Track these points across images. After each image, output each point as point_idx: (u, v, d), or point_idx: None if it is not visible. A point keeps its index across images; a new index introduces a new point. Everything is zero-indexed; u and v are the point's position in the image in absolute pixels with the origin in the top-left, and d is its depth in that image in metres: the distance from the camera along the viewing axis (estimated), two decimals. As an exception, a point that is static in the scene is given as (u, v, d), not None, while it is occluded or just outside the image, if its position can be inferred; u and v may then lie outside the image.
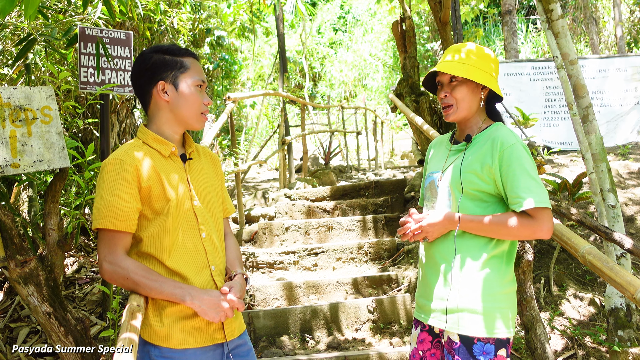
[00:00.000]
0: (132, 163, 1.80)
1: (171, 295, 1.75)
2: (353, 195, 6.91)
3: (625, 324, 3.39)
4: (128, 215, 1.78)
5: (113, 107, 5.90)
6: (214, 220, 1.97)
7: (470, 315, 1.92)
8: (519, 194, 1.87)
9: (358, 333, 4.14)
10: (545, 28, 3.49)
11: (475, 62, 2.01)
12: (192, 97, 1.89)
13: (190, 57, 1.93)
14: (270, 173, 13.31)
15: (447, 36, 5.93)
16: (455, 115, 2.04)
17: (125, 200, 1.77)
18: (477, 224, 1.93)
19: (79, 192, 3.70)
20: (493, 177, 1.93)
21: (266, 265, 5.18)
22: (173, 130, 1.93)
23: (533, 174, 1.89)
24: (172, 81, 1.88)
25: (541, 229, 1.87)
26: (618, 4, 11.31)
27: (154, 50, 1.91)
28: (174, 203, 1.83)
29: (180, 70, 1.89)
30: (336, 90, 22.56)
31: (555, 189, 4.21)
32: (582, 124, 3.48)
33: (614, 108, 8.49)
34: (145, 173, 1.81)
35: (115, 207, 1.76)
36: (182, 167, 1.93)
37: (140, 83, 1.91)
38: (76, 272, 4.61)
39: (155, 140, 1.89)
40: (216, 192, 2.04)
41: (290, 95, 8.81)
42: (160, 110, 1.91)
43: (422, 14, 18.45)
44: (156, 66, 1.88)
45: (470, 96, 2.02)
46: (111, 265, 1.76)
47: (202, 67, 1.98)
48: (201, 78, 1.92)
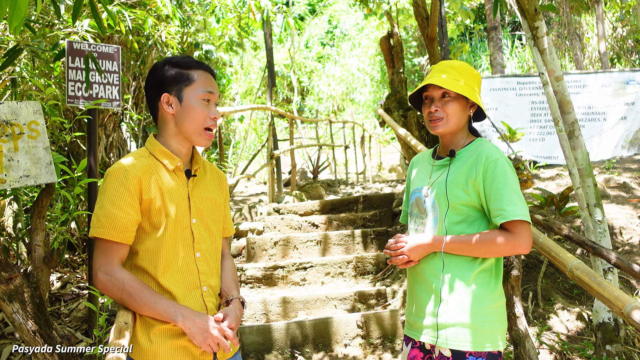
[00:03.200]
0: (136, 174, 1.78)
1: (164, 313, 1.72)
2: (342, 209, 6.91)
3: (613, 339, 3.40)
4: (127, 226, 1.76)
5: (100, 120, 5.87)
6: (211, 239, 1.94)
7: (462, 330, 1.92)
8: (501, 207, 1.90)
9: (347, 349, 4.12)
10: (531, 45, 3.54)
11: (466, 80, 2.05)
12: (196, 111, 1.86)
13: (200, 69, 1.90)
14: (259, 187, 13.28)
15: (434, 51, 6.00)
16: (444, 128, 2.05)
17: (125, 211, 1.75)
18: (457, 244, 1.96)
19: (65, 207, 3.66)
20: (477, 190, 1.97)
21: (254, 280, 5.14)
22: (180, 144, 1.90)
23: (515, 188, 1.92)
24: (177, 94, 1.86)
25: (520, 244, 1.90)
26: (601, 20, 11.52)
27: (165, 61, 1.90)
28: (172, 219, 1.81)
29: (186, 83, 1.86)
30: (324, 104, 22.66)
31: (542, 204, 4.24)
32: (568, 139, 3.51)
33: (599, 123, 8.61)
34: (147, 185, 1.79)
35: (115, 218, 1.74)
36: (185, 183, 1.90)
37: (149, 96, 1.91)
38: (61, 288, 4.54)
39: (162, 153, 1.87)
40: (218, 211, 2.00)
41: (278, 110, 8.82)
42: (167, 123, 1.89)
43: (409, 29, 18.65)
44: (162, 78, 1.86)
45: (460, 112, 2.05)
46: (106, 275, 1.73)
47: (214, 80, 1.93)
48: (207, 90, 1.87)
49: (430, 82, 2.05)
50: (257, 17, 6.90)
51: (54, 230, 3.23)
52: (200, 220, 1.90)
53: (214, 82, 1.94)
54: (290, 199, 7.99)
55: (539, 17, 3.42)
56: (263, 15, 6.87)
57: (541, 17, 3.43)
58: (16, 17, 1.93)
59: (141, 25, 5.36)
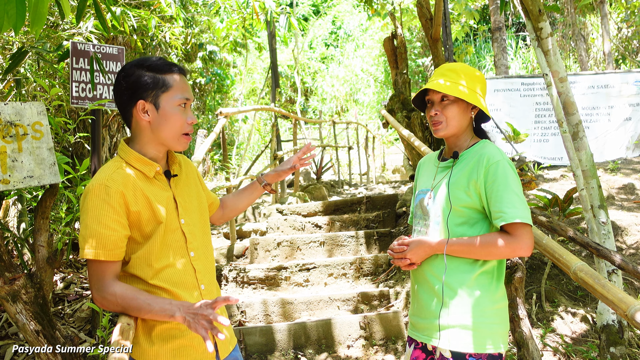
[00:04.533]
0: (117, 189, 1.71)
1: (162, 312, 1.68)
2: (345, 210, 6.91)
3: (617, 341, 3.39)
4: (116, 244, 1.71)
5: (104, 121, 5.88)
6: (202, 233, 1.93)
7: (462, 332, 1.93)
8: (501, 209, 1.89)
9: (350, 350, 4.12)
10: (535, 46, 3.53)
11: (467, 82, 2.04)
12: (174, 118, 1.79)
13: (175, 73, 1.81)
14: (262, 187, 13.26)
15: (438, 52, 5.99)
16: (445, 131, 2.07)
17: (112, 228, 1.69)
18: (457, 247, 1.96)
19: (69, 207, 3.67)
20: (478, 192, 1.96)
21: (258, 281, 5.15)
22: (156, 149, 1.84)
23: (517, 190, 1.91)
24: (153, 101, 1.77)
25: (521, 247, 1.89)
26: (606, 21, 11.48)
27: (136, 65, 1.80)
28: (163, 225, 1.78)
29: (162, 90, 1.78)
30: (328, 105, 22.67)
31: (547, 205, 4.23)
32: (572, 140, 3.50)
33: (603, 124, 8.58)
34: (132, 198, 1.74)
35: (103, 237, 1.68)
36: (168, 186, 1.86)
37: (120, 100, 1.81)
38: (65, 289, 4.55)
39: (139, 160, 1.80)
40: (201, 202, 1.99)
41: (282, 111, 8.83)
42: (142, 130, 1.81)
43: (413, 30, 18.64)
44: (137, 84, 1.76)
45: (460, 115, 2.05)
46: (99, 292, 1.70)
47: (188, 81, 1.87)
48: (184, 96, 1.80)
49: (427, 86, 2.06)
50: (261, 17, 6.90)
51: (58, 230, 3.24)
52: (188, 219, 1.88)
53: (189, 86, 1.88)
54: (293, 199, 7.99)
55: (543, 18, 3.41)
56: (267, 16, 6.87)
57: (545, 18, 3.42)
58: (38, 21, 1.95)
59: (145, 26, 5.38)
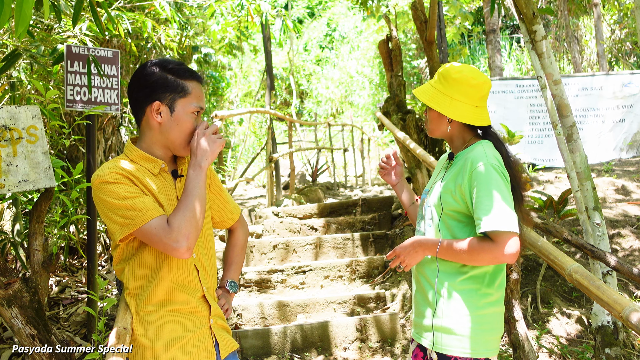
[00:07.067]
0: (124, 174, 1.70)
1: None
2: (341, 212, 6.91)
3: (612, 342, 3.41)
4: (150, 204, 1.68)
5: (99, 124, 5.87)
6: (202, 236, 1.90)
7: (445, 335, 1.94)
8: (479, 216, 1.85)
9: (346, 352, 4.12)
10: (529, 48, 3.55)
11: (443, 87, 2.00)
12: (186, 124, 1.79)
13: (194, 80, 1.82)
14: (258, 190, 13.28)
15: (432, 54, 6.01)
16: (430, 133, 2.12)
17: (139, 195, 1.68)
18: (445, 250, 1.93)
19: (64, 211, 3.66)
20: (464, 197, 1.93)
21: (254, 283, 5.14)
22: (162, 151, 1.84)
23: (498, 196, 1.84)
24: (169, 104, 1.78)
25: (502, 254, 1.81)
26: (599, 23, 11.54)
27: (159, 65, 1.80)
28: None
29: (180, 95, 1.78)
30: (323, 107, 22.68)
31: (541, 206, 4.24)
32: (566, 142, 3.52)
33: (597, 125, 8.62)
34: (143, 185, 1.74)
35: (135, 205, 1.65)
36: (173, 184, 1.85)
37: (136, 97, 1.80)
38: (60, 293, 4.53)
39: (143, 158, 1.80)
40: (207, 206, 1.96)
41: (277, 113, 8.83)
42: (151, 129, 1.81)
43: (408, 32, 18.68)
44: (157, 84, 1.77)
45: (436, 119, 2.05)
46: (177, 243, 1.64)
47: (204, 91, 1.89)
48: (199, 104, 1.81)
49: (413, 90, 2.11)
50: (257, 20, 6.91)
51: (53, 234, 3.22)
52: None
53: (204, 96, 1.89)
54: (289, 202, 7.98)
55: (537, 20, 3.43)
56: (262, 18, 6.88)
57: (539, 20, 3.44)
58: (22, 22, 1.94)
59: (140, 29, 5.37)
